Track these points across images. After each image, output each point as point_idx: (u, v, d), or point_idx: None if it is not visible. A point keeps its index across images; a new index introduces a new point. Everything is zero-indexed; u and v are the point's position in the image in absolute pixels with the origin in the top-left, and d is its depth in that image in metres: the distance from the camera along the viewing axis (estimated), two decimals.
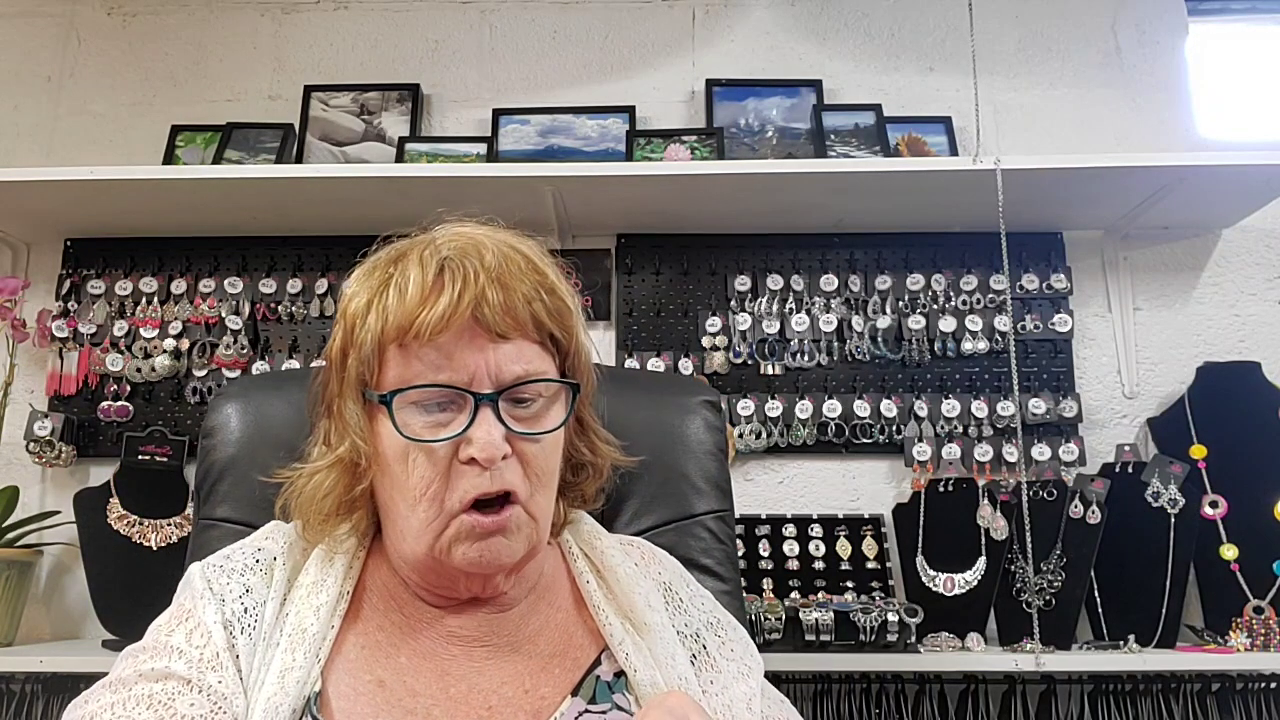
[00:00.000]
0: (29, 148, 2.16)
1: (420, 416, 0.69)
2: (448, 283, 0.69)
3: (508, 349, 0.70)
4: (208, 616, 0.69)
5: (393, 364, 0.70)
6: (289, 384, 0.98)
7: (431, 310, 0.68)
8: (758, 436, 1.94)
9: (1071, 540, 1.76)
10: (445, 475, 0.69)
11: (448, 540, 0.69)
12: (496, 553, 0.70)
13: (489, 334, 0.70)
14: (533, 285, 0.73)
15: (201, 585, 0.72)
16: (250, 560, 0.74)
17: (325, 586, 0.73)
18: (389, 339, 0.70)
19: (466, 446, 0.68)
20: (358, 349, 0.71)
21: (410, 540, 0.71)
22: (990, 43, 2.14)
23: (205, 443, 0.94)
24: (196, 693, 0.65)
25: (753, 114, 2.11)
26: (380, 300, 0.71)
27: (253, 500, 0.89)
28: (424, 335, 0.68)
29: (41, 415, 1.92)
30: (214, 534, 0.90)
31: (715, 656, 0.79)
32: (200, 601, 0.71)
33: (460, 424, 0.68)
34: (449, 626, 0.74)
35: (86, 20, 2.24)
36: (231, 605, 0.70)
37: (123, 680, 0.65)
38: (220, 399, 0.96)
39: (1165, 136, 2.10)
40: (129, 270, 2.06)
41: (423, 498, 0.69)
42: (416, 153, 2.06)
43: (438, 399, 0.69)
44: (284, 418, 0.93)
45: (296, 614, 0.71)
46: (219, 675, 0.67)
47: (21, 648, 1.77)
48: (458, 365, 0.69)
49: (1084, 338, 2.02)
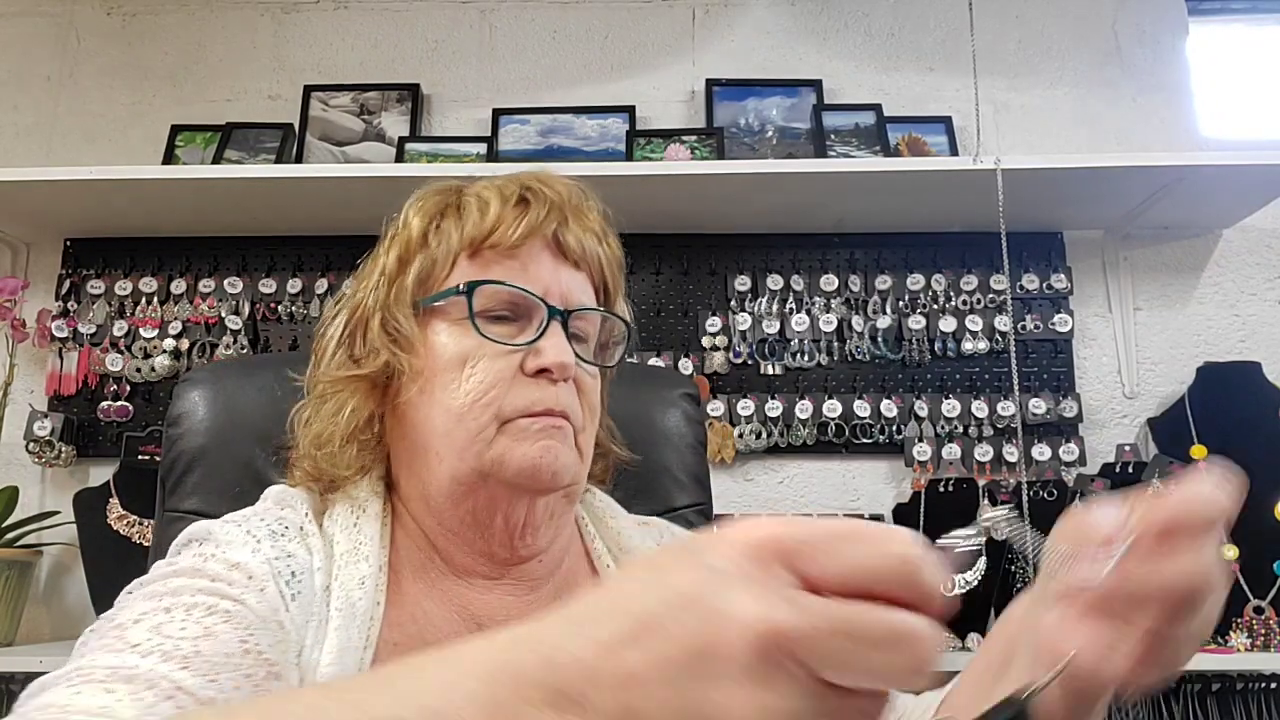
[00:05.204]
0: (28, 147, 2.16)
1: (484, 325, 0.68)
2: (531, 201, 0.70)
3: (577, 277, 0.71)
4: (255, 564, 0.61)
5: (462, 273, 0.69)
6: (259, 370, 0.93)
7: (515, 223, 0.68)
8: (758, 436, 1.93)
9: None
10: (507, 384, 0.66)
11: (502, 447, 0.65)
12: (555, 455, 0.66)
13: (562, 256, 0.71)
14: (601, 228, 0.74)
15: (237, 533, 0.63)
16: (276, 527, 0.66)
17: (362, 555, 0.66)
18: (464, 246, 0.69)
19: (535, 357, 0.66)
20: (424, 256, 0.70)
21: (451, 460, 0.66)
22: (990, 42, 2.14)
23: (171, 431, 0.89)
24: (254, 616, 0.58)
25: (753, 114, 2.11)
26: (453, 214, 0.71)
27: (225, 491, 0.84)
28: (504, 244, 0.68)
29: (41, 415, 1.92)
30: (182, 526, 0.87)
31: None
32: (239, 550, 0.62)
33: (529, 335, 0.68)
34: (474, 611, 0.69)
35: (86, 20, 2.23)
36: (277, 565, 0.62)
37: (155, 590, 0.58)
38: (186, 385, 0.91)
39: (1165, 136, 2.09)
40: (129, 270, 2.05)
41: (475, 404, 0.65)
42: (416, 153, 2.05)
43: (508, 307, 0.68)
44: (255, 404, 0.88)
45: (342, 586, 0.65)
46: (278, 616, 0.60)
47: (21, 648, 1.77)
48: (533, 278, 0.68)
49: (1084, 338, 2.01)
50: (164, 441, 0.90)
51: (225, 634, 0.55)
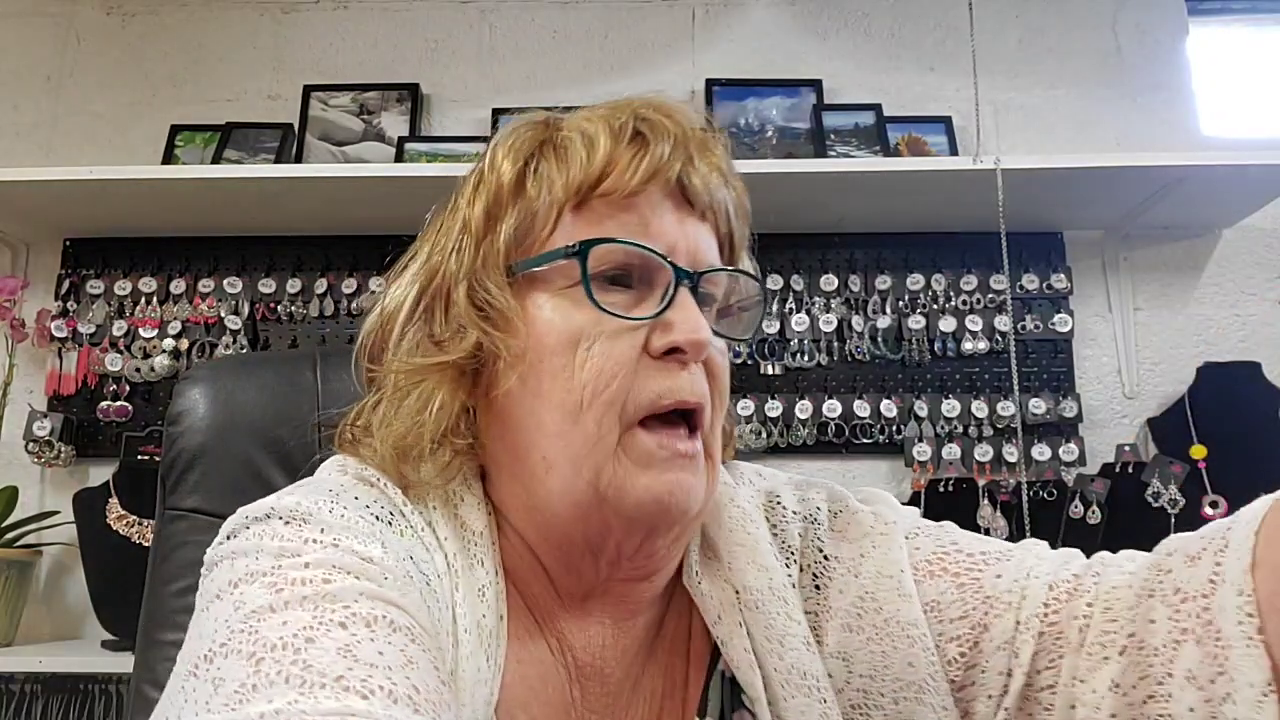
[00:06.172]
0: (28, 147, 2.16)
1: (600, 293, 0.54)
2: (649, 136, 0.56)
3: (704, 231, 0.58)
4: (391, 562, 0.48)
5: (567, 230, 0.55)
6: (259, 367, 0.92)
7: (632, 165, 0.54)
8: (758, 436, 1.93)
9: (1072, 540, 1.74)
10: (631, 370, 0.53)
11: (622, 473, 0.52)
12: (685, 491, 0.53)
13: (688, 205, 0.57)
14: (726, 166, 0.61)
15: (349, 516, 0.49)
16: (381, 511, 0.52)
17: (475, 557, 0.54)
18: (570, 194, 0.55)
19: (663, 334, 0.53)
20: (520, 209, 0.56)
21: (564, 471, 0.53)
22: (990, 42, 2.14)
23: (171, 430, 0.88)
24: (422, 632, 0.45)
25: (753, 114, 2.10)
26: (551, 155, 0.57)
27: (226, 490, 0.83)
28: (620, 192, 0.54)
29: (40, 415, 1.92)
30: (183, 525, 0.85)
31: (834, 557, 0.61)
32: (365, 540, 0.48)
33: (652, 306, 0.54)
34: (570, 642, 0.58)
35: (86, 20, 2.23)
36: (407, 566, 0.49)
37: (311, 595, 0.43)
38: (187, 383, 0.89)
39: (1165, 136, 2.09)
40: (128, 270, 2.05)
41: (596, 400, 0.52)
42: (416, 152, 2.05)
43: (623, 269, 0.54)
44: (256, 402, 0.87)
45: (465, 601, 0.52)
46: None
47: (21, 648, 1.77)
48: (655, 234, 0.55)
49: (1084, 338, 2.01)
50: (164, 439, 0.89)
51: (421, 660, 0.43)
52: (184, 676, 0.42)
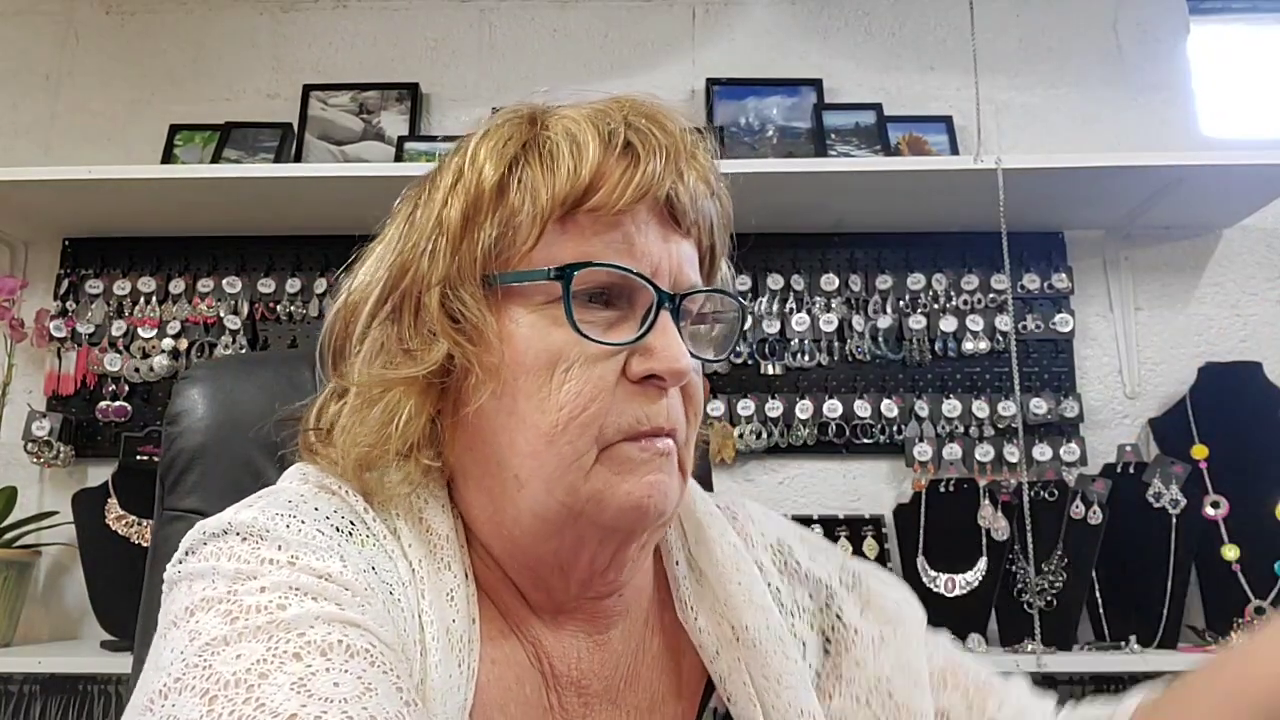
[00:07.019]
0: (27, 147, 2.16)
1: (580, 315, 0.53)
2: (640, 150, 0.54)
3: (686, 248, 0.57)
4: (350, 576, 0.47)
5: (550, 245, 0.53)
6: (259, 367, 0.93)
7: (621, 181, 0.53)
8: (758, 436, 1.93)
9: (1073, 541, 1.75)
10: (609, 396, 0.52)
11: (600, 481, 0.52)
12: (663, 491, 0.53)
13: (673, 223, 0.56)
14: (714, 176, 0.59)
15: (305, 531, 0.49)
16: (340, 522, 0.51)
17: (442, 561, 0.53)
18: (555, 206, 0.53)
19: (643, 359, 0.52)
20: (501, 217, 0.54)
21: (536, 491, 0.52)
22: (991, 42, 2.13)
23: (170, 429, 0.88)
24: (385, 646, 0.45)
25: (753, 113, 2.10)
26: (537, 158, 0.55)
27: (225, 490, 0.83)
28: (608, 209, 0.52)
29: (39, 415, 1.92)
30: (182, 525, 0.86)
31: (855, 629, 0.62)
32: (322, 555, 0.48)
33: (631, 329, 0.53)
34: (547, 650, 0.58)
35: (85, 19, 2.23)
36: (369, 578, 0.49)
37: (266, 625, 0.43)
38: (186, 382, 0.89)
39: (1166, 136, 2.09)
40: (127, 270, 2.05)
41: (573, 423, 0.51)
42: (416, 152, 2.05)
43: (603, 288, 0.53)
44: (255, 402, 0.87)
45: (433, 607, 0.51)
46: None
47: (20, 648, 1.76)
48: (639, 254, 0.54)
49: (1085, 338, 2.01)
50: (163, 439, 0.89)
51: (381, 685, 0.42)
52: (140, 710, 0.42)
